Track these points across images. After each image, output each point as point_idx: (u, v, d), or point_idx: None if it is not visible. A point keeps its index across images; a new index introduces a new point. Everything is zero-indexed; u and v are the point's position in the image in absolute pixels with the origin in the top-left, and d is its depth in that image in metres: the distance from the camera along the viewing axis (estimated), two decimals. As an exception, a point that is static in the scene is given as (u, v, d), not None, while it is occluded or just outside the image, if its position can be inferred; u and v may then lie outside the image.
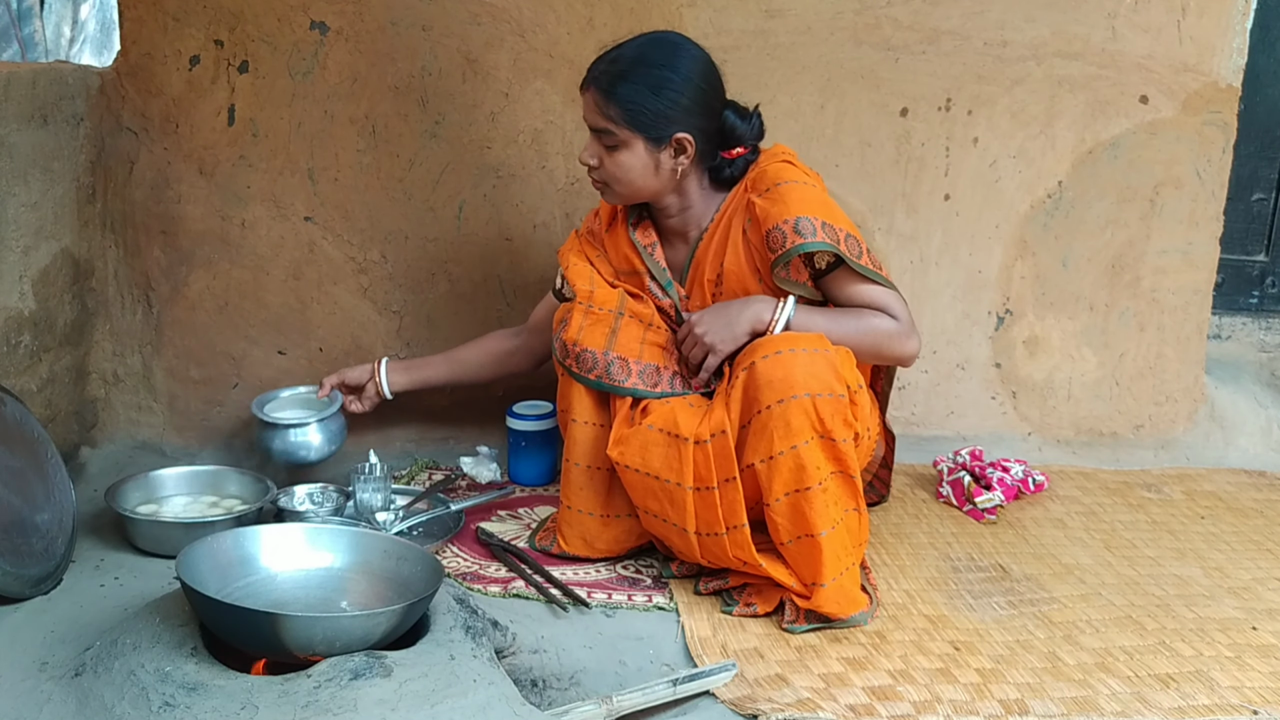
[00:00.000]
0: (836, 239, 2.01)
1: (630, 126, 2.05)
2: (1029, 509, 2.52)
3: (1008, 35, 2.70)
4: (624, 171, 2.09)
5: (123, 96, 2.54)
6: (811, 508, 1.89)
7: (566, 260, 2.27)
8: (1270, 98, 3.09)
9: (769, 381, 1.89)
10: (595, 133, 2.10)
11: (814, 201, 2.05)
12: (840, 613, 1.92)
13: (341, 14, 2.53)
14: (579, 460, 2.14)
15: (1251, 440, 2.95)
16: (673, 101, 2.04)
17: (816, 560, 1.91)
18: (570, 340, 2.10)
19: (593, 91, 2.07)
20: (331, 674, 1.47)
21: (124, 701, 1.48)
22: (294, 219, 2.62)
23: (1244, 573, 2.24)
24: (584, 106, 2.11)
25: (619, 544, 2.15)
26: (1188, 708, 1.73)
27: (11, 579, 1.85)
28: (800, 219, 2.01)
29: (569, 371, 2.12)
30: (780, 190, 2.05)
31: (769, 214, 2.04)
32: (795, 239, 2.00)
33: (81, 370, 2.56)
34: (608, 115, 2.05)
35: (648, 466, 1.99)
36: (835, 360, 1.92)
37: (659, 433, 1.99)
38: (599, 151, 2.10)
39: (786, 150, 2.18)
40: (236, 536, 1.76)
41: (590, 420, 2.13)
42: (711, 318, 2.07)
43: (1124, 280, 2.86)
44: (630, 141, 2.06)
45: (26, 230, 2.27)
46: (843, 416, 1.90)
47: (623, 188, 2.12)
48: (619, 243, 2.25)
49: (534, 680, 1.74)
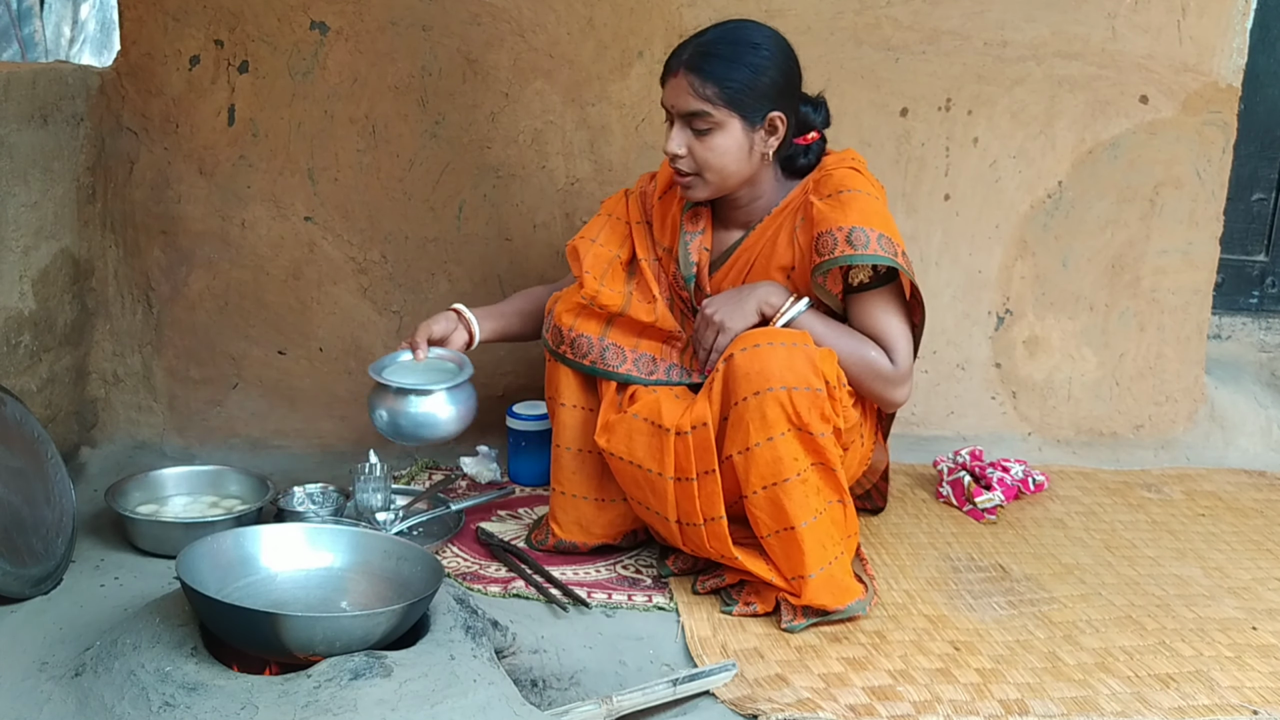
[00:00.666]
0: (893, 252, 1.99)
1: (728, 105, 1.99)
2: (1029, 509, 2.52)
3: (1008, 35, 2.70)
4: (718, 156, 2.03)
5: (123, 96, 2.54)
6: (790, 499, 1.89)
7: (603, 224, 2.21)
8: (1270, 98, 3.09)
9: (746, 374, 1.90)
10: (684, 118, 2.02)
11: (874, 214, 2.02)
12: (834, 603, 1.92)
13: (341, 14, 2.53)
14: (569, 445, 2.14)
15: (1251, 440, 2.95)
16: (770, 79, 2.02)
17: (798, 552, 1.91)
18: (566, 326, 2.09)
19: (684, 74, 2.00)
20: (331, 674, 1.47)
21: (124, 701, 1.48)
22: (294, 219, 2.62)
23: (1244, 573, 2.24)
24: (669, 93, 2.04)
25: (614, 527, 2.15)
26: (1188, 708, 1.73)
27: (11, 579, 1.85)
28: (855, 229, 1.97)
29: (562, 359, 2.11)
30: (843, 198, 2.02)
31: (825, 218, 2.01)
32: (845, 249, 1.97)
33: (81, 370, 2.56)
34: (704, 95, 1.99)
35: (632, 455, 1.99)
36: (814, 355, 1.92)
37: (643, 422, 1.99)
38: (687, 140, 2.03)
39: (857, 157, 2.15)
40: (236, 536, 1.76)
41: (577, 404, 2.13)
42: (723, 299, 2.07)
43: (1124, 280, 2.86)
44: (726, 122, 2.00)
45: (26, 230, 2.27)
46: (819, 410, 1.90)
47: (714, 175, 2.05)
48: (668, 215, 2.21)
49: (534, 680, 1.74)
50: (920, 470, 2.68)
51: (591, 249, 2.15)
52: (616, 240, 2.19)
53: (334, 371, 2.69)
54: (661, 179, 2.24)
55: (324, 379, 2.69)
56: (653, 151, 2.65)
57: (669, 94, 2.04)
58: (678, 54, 2.04)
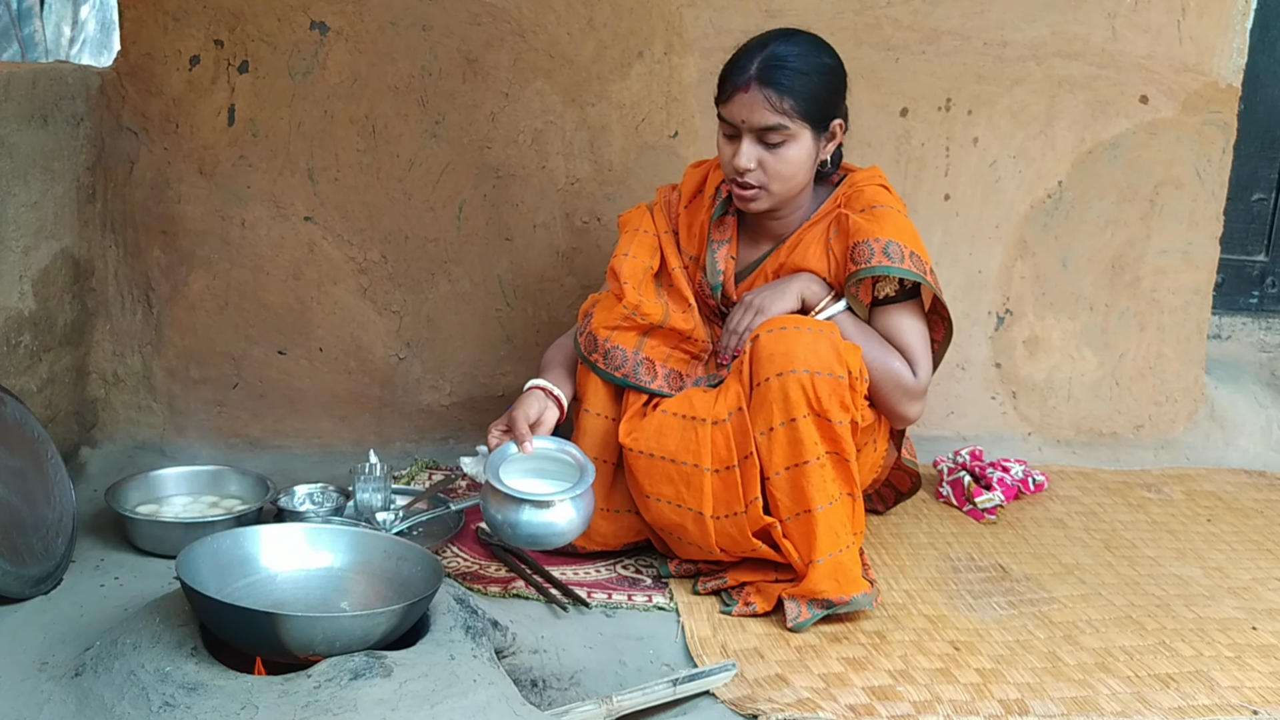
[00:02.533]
0: (922, 270, 2.04)
1: (803, 117, 2.01)
2: (1029, 509, 2.52)
3: (1008, 35, 2.70)
4: (789, 167, 2.04)
5: (123, 96, 2.54)
6: (809, 482, 1.92)
7: (631, 239, 2.18)
8: (1270, 98, 3.09)
9: (770, 355, 1.92)
10: (758, 132, 2.01)
11: (907, 231, 2.07)
12: (838, 592, 1.92)
13: (341, 14, 2.53)
14: (585, 451, 2.13)
15: (1251, 440, 2.95)
16: (835, 88, 2.06)
17: (811, 535, 1.93)
18: (602, 337, 2.10)
19: (757, 88, 1.99)
20: (331, 674, 1.47)
21: (124, 701, 1.48)
22: (294, 219, 2.62)
23: (1244, 573, 2.24)
24: (739, 109, 2.01)
25: (616, 539, 2.15)
26: (1188, 708, 1.73)
27: (11, 579, 1.85)
28: (891, 243, 2.02)
29: (593, 367, 2.11)
30: (879, 213, 2.07)
31: (862, 229, 2.05)
32: (882, 259, 2.01)
33: (81, 370, 2.56)
34: (780, 109, 1.98)
35: (663, 449, 2.00)
36: (839, 344, 1.95)
37: (674, 416, 2.01)
38: (759, 154, 2.03)
39: (882, 175, 2.20)
40: (236, 536, 1.75)
41: (602, 413, 2.13)
42: (765, 288, 2.10)
43: (1124, 280, 2.86)
44: (799, 134, 2.02)
45: (27, 230, 2.27)
46: (840, 398, 1.92)
47: (782, 185, 2.06)
48: (695, 224, 2.23)
49: (534, 680, 1.74)
50: (920, 470, 2.67)
51: (626, 262, 2.14)
52: (647, 252, 2.18)
53: (334, 371, 2.69)
54: (686, 188, 2.26)
55: (324, 379, 2.69)
56: (653, 151, 2.65)
57: (739, 109, 2.01)
58: (741, 67, 2.02)
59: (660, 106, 2.64)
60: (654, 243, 2.21)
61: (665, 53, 2.61)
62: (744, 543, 1.98)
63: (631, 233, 2.21)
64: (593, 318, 2.13)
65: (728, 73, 2.05)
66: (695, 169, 2.30)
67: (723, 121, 2.06)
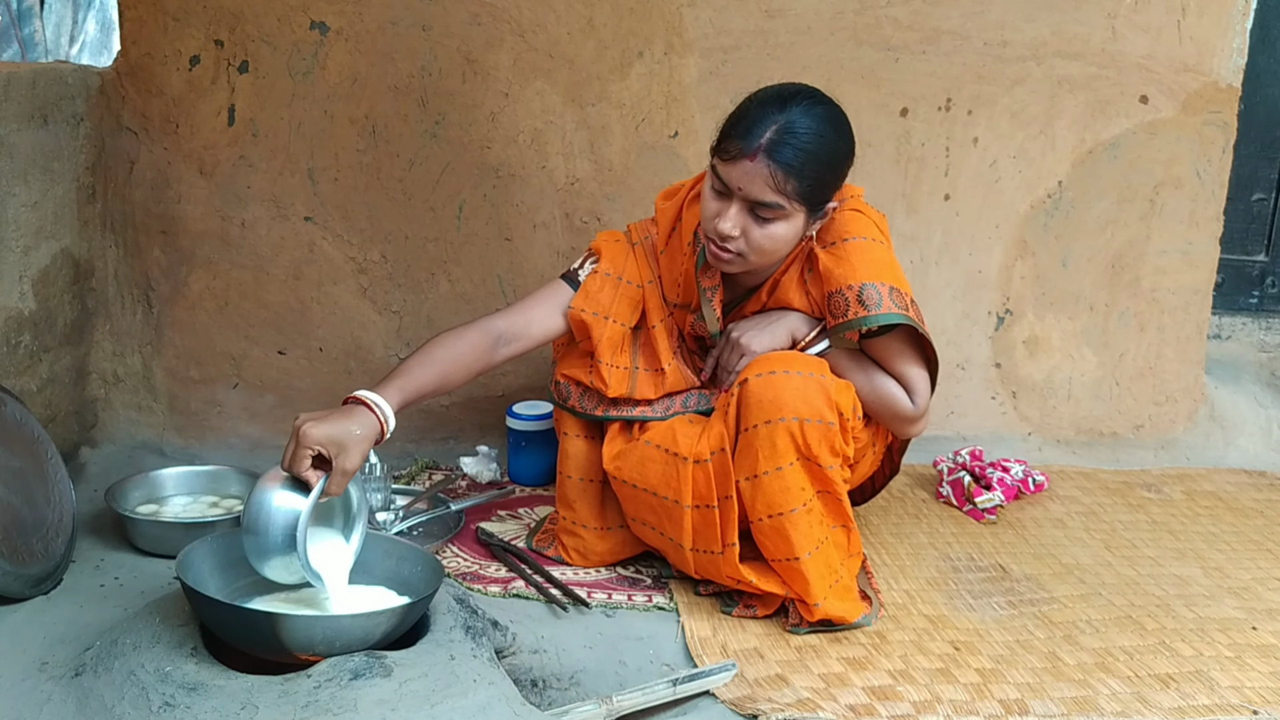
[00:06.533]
0: (905, 306, 1.95)
1: (801, 199, 1.88)
2: (1029, 509, 2.52)
3: (1008, 35, 2.70)
4: (773, 242, 1.92)
5: (123, 96, 2.54)
6: (795, 529, 1.88)
7: (614, 290, 2.08)
8: (1270, 98, 3.09)
9: (759, 401, 1.86)
10: (752, 204, 1.88)
11: (880, 264, 1.96)
12: (845, 616, 1.93)
13: (341, 14, 2.53)
14: (571, 473, 2.14)
15: (1251, 440, 2.95)
16: (841, 172, 1.95)
17: (802, 581, 1.90)
18: (575, 391, 2.09)
19: (764, 161, 1.84)
20: (331, 674, 1.47)
21: (124, 701, 1.48)
22: (294, 219, 2.62)
23: (1244, 573, 2.24)
24: (740, 176, 1.86)
25: (614, 555, 2.15)
26: (1188, 708, 1.73)
27: (11, 579, 1.85)
28: (865, 286, 1.93)
29: (572, 411, 2.11)
30: (848, 248, 1.96)
31: (832, 275, 1.96)
32: (858, 310, 1.93)
33: (81, 370, 2.56)
34: (782, 190, 1.85)
35: (645, 482, 1.98)
36: (829, 386, 1.88)
37: (656, 449, 1.98)
38: (745, 222, 1.90)
39: (856, 193, 2.07)
40: (236, 536, 1.75)
41: (580, 434, 2.13)
42: (750, 324, 2.06)
43: (1124, 280, 2.86)
44: (793, 215, 1.90)
45: (26, 230, 2.27)
46: (830, 444, 1.87)
47: (763, 258, 1.95)
48: (676, 268, 2.12)
49: (534, 680, 1.74)
50: (920, 470, 2.68)
51: (606, 329, 2.06)
52: (628, 308, 2.10)
53: (334, 371, 2.69)
54: (662, 227, 2.14)
55: (324, 379, 2.69)
56: (653, 151, 2.65)
57: (739, 176, 1.86)
58: (754, 133, 1.85)
59: (660, 106, 2.64)
60: (637, 296, 2.11)
61: (665, 53, 2.61)
62: (724, 580, 1.97)
63: (615, 281, 2.10)
64: (561, 369, 2.12)
65: (737, 130, 1.88)
66: (667, 201, 2.16)
67: (715, 175, 1.91)
